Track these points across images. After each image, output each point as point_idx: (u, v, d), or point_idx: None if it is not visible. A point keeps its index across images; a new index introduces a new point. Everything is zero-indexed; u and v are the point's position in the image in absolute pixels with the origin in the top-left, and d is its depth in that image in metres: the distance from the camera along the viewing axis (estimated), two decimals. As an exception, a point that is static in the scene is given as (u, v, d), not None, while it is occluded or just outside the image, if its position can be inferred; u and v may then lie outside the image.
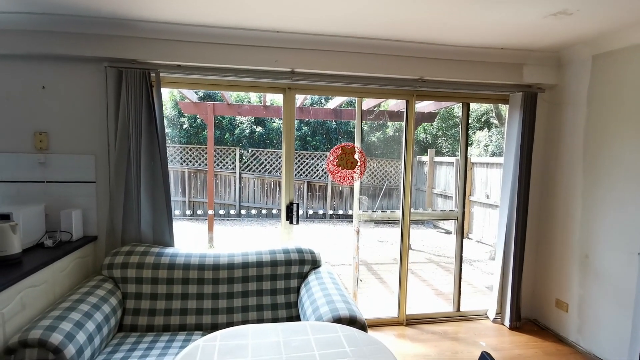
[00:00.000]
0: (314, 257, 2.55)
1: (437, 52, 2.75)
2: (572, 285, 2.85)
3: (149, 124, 2.43)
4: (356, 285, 3.25)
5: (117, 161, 2.42)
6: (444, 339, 2.92)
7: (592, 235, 2.69)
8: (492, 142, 8.73)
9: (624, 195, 2.44)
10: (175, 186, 9.01)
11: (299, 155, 9.44)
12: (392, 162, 9.52)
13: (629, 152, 2.42)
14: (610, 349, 2.53)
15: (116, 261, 2.26)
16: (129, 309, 2.21)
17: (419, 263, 5.70)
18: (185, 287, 2.31)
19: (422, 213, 3.20)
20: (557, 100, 3.00)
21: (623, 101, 2.46)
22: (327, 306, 1.99)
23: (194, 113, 5.81)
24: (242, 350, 1.41)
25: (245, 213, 9.10)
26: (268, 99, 6.18)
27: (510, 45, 2.71)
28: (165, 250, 2.41)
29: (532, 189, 3.11)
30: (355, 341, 1.49)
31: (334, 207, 9.35)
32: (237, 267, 2.39)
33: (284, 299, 2.41)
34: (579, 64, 2.78)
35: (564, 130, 2.93)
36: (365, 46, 2.66)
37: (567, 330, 2.88)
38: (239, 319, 2.32)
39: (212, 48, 2.49)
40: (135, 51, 2.41)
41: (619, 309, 2.47)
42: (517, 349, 2.78)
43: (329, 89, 2.88)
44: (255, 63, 2.57)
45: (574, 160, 2.84)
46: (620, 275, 2.47)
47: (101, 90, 2.47)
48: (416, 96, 3.00)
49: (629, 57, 2.41)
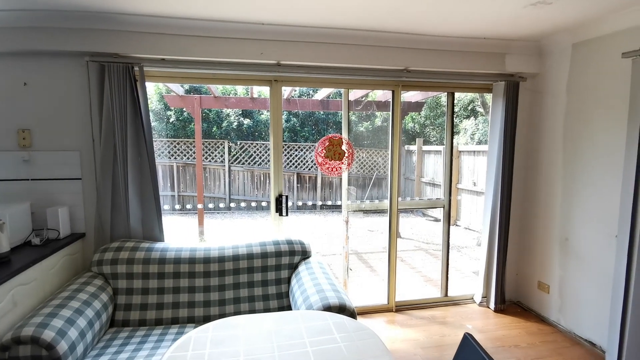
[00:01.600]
0: (304, 248, 2.59)
1: (422, 42, 2.78)
2: (553, 268, 2.95)
3: (134, 118, 2.42)
4: (346, 274, 3.30)
5: (102, 157, 2.41)
6: (432, 324, 3.01)
7: (571, 219, 2.78)
8: (479, 130, 8.85)
9: (602, 179, 2.53)
10: (164, 180, 8.94)
11: (289, 146, 9.43)
12: (381, 152, 9.58)
13: (606, 138, 2.49)
14: (590, 328, 2.64)
15: (105, 257, 2.27)
16: (120, 305, 2.22)
17: (409, 251, 5.80)
18: (176, 280, 2.33)
19: (409, 202, 3.26)
20: (538, 88, 3.07)
21: (601, 88, 2.53)
22: (317, 295, 2.03)
23: (180, 106, 5.75)
24: (234, 340, 1.45)
25: (235, 206, 9.10)
26: (255, 91, 6.14)
27: (492, 35, 2.75)
28: (155, 245, 2.42)
29: (516, 175, 3.19)
30: (344, 328, 1.53)
31: (324, 198, 9.39)
32: (228, 259, 2.42)
33: (275, 289, 2.45)
34: (559, 53, 2.84)
35: (545, 118, 3.00)
36: (350, 37, 2.67)
37: (549, 310, 3.00)
38: (231, 310, 2.35)
39: (197, 41, 2.47)
40: (117, 45, 2.38)
41: (598, 289, 2.57)
42: (501, 330, 2.88)
43: (315, 81, 2.89)
44: (240, 56, 2.56)
45: (554, 147, 2.92)
46: (599, 257, 2.57)
47: (83, 85, 2.44)
48: (402, 86, 3.03)
49: (607, 44, 2.47)
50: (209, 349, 1.37)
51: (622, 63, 2.35)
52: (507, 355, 2.54)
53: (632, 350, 2.26)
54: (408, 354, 2.57)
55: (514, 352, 2.59)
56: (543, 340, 2.74)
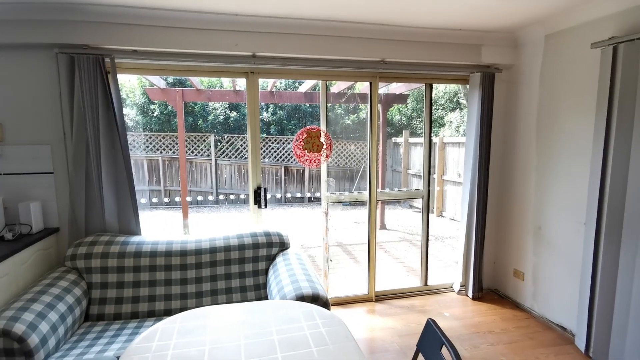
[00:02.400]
0: (282, 240, 2.60)
1: (398, 33, 2.78)
2: (527, 256, 3.02)
3: (107, 111, 2.39)
4: (327, 266, 3.33)
5: (75, 150, 2.38)
6: (411, 312, 3.06)
7: (544, 208, 2.84)
8: (464, 123, 8.92)
9: (572, 168, 2.58)
10: (150, 175, 8.85)
11: (276, 140, 9.40)
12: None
13: (576, 128, 2.54)
14: (560, 313, 2.72)
15: (79, 252, 2.25)
16: (94, 299, 2.21)
17: (393, 242, 5.86)
18: (152, 274, 2.32)
19: (388, 193, 3.29)
20: (513, 79, 3.10)
21: (572, 79, 2.57)
22: (291, 285, 2.05)
23: (162, 100, 5.68)
24: (201, 330, 1.46)
25: (222, 199, 9.06)
26: (240, 83, 6.09)
27: (468, 26, 2.76)
28: (131, 238, 2.41)
29: (492, 165, 3.23)
30: (312, 317, 1.55)
31: (311, 191, 9.41)
32: (205, 252, 2.42)
33: (253, 281, 2.46)
34: (533, 44, 2.87)
35: (520, 109, 3.05)
36: (326, 28, 2.66)
37: (523, 297, 3.07)
38: (208, 302, 2.36)
39: (170, 32, 2.43)
40: (87, 36, 2.33)
41: (568, 276, 2.64)
42: (477, 317, 2.95)
43: (292, 73, 2.88)
44: (215, 47, 2.53)
45: (528, 137, 2.97)
46: (569, 244, 2.63)
47: (53, 78, 2.40)
48: (379, 78, 3.03)
49: (577, 35, 2.51)
50: (175, 339, 1.38)
51: (591, 53, 2.39)
52: (481, 341, 2.61)
53: (599, 333, 2.33)
54: (385, 342, 2.61)
55: (487, 337, 2.65)
56: (516, 325, 2.81)
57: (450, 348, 1.20)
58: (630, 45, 2.09)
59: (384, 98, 6.20)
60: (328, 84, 4.72)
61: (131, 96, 9.40)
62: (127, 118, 9.38)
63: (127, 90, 9.39)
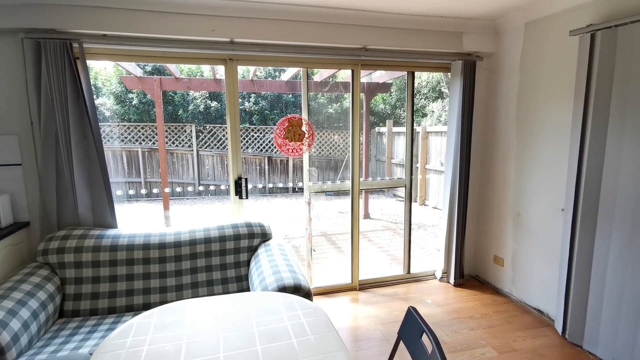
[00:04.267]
0: (264, 230, 2.56)
1: (380, 20, 2.74)
2: (507, 242, 3.07)
3: (76, 99, 2.28)
4: (310, 256, 3.32)
5: (43, 141, 2.26)
6: (394, 300, 3.08)
7: (523, 194, 2.89)
8: (445, 112, 8.98)
9: (550, 155, 2.62)
10: (129, 167, 8.62)
11: (258, 129, 9.28)
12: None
13: (555, 115, 2.57)
14: (538, 297, 2.79)
15: (51, 247, 2.16)
16: (69, 295, 2.14)
17: (377, 231, 5.90)
18: (130, 267, 2.26)
19: (371, 182, 3.28)
20: (494, 67, 3.11)
21: (551, 67, 2.59)
22: (273, 276, 2.03)
23: (139, 88, 5.49)
24: (179, 324, 1.42)
25: (203, 190, 8.92)
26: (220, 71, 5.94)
27: (449, 13, 2.74)
28: (106, 232, 2.33)
29: (474, 153, 3.26)
30: (293, 307, 1.53)
31: (295, 181, 9.36)
32: (185, 244, 2.37)
33: (234, 272, 2.42)
34: (513, 32, 2.88)
35: (500, 97, 3.07)
36: (307, 14, 2.60)
37: (503, 282, 3.14)
38: (189, 295, 2.32)
39: (141, 16, 2.33)
40: (53, 20, 2.21)
41: (546, 261, 2.70)
42: (458, 303, 3.00)
43: (272, 60, 2.81)
44: (190, 33, 2.44)
45: (508, 125, 3.00)
46: (547, 230, 2.69)
47: (19, 64, 2.27)
48: (361, 65, 3.00)
49: (556, 23, 2.52)
50: (151, 334, 1.34)
51: (570, 41, 2.41)
52: (462, 326, 2.65)
53: (574, 316, 2.40)
54: (368, 331, 2.63)
55: (468, 322, 2.70)
56: (496, 310, 2.87)
57: (430, 335, 1.20)
58: (608, 33, 2.11)
59: (367, 87, 6.16)
60: (310, 72, 4.65)
61: (107, 85, 9.08)
62: (104, 108, 9.07)
63: (103, 79, 9.07)
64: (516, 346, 2.42)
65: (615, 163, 2.14)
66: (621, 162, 2.11)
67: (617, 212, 2.15)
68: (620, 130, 2.11)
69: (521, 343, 2.45)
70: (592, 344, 2.33)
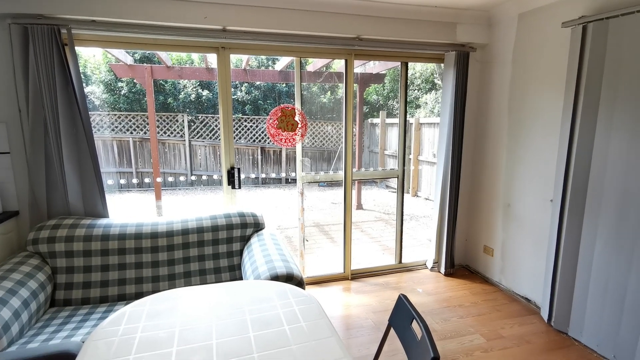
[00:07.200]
0: (257, 220, 2.57)
1: (374, 9, 2.72)
2: (497, 232, 3.12)
3: (65, 86, 2.24)
4: (302, 246, 3.34)
5: (32, 129, 2.23)
6: (385, 289, 3.12)
7: (513, 185, 2.92)
8: (439, 104, 9.00)
9: (540, 147, 2.65)
10: (121, 157, 8.52)
11: (251, 119, 9.21)
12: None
13: (547, 107, 2.60)
14: (526, 286, 2.85)
15: (41, 236, 2.14)
16: (60, 284, 2.13)
17: (369, 222, 5.94)
18: (122, 257, 2.25)
19: (363, 172, 3.29)
20: (487, 59, 3.12)
21: (543, 58, 2.60)
22: (265, 265, 2.04)
23: (129, 77, 5.41)
24: (171, 312, 1.43)
25: (196, 180, 8.87)
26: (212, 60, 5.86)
27: (443, 3, 2.73)
28: (97, 221, 2.32)
29: (466, 144, 3.28)
30: (285, 296, 1.55)
31: (288, 171, 9.35)
32: (177, 233, 2.36)
33: (227, 262, 2.43)
34: (506, 23, 2.88)
35: (493, 89, 3.08)
36: (300, 3, 2.57)
37: (492, 272, 3.19)
38: (181, 284, 2.33)
39: (131, 2, 2.28)
40: (41, 5, 2.16)
41: (534, 250, 2.76)
42: (449, 292, 3.05)
43: (265, 48, 2.78)
44: (182, 19, 2.40)
45: (500, 117, 3.02)
46: (536, 220, 2.73)
47: (6, 51, 2.22)
48: (354, 55, 2.98)
49: (549, 14, 2.53)
50: (143, 322, 1.35)
51: (562, 32, 2.42)
52: (452, 315, 2.70)
53: (560, 304, 2.46)
54: (360, 319, 2.67)
55: (457, 310, 2.75)
56: (485, 299, 2.93)
57: (419, 322, 1.22)
58: (599, 25, 2.13)
59: (360, 77, 6.14)
60: (304, 62, 4.62)
61: (97, 73, 8.92)
62: (94, 96, 8.92)
63: (92, 67, 8.90)
64: (504, 333, 2.48)
65: (604, 155, 2.18)
66: (609, 155, 2.15)
67: (604, 203, 2.19)
68: (609, 123, 2.14)
69: (508, 330, 2.51)
70: (577, 331, 2.39)
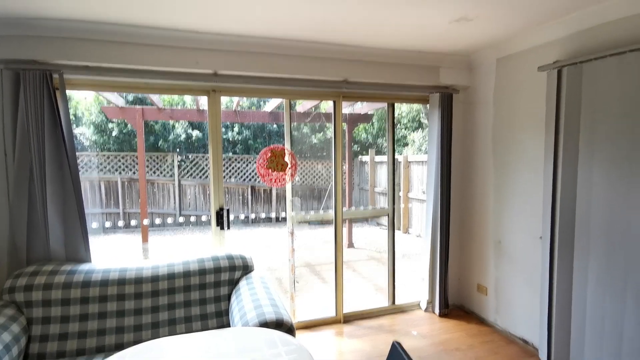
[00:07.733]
0: (245, 263, 2.50)
1: (360, 54, 2.84)
2: (489, 270, 3.09)
3: (54, 130, 2.23)
4: (293, 288, 3.24)
5: (17, 172, 2.19)
6: (379, 333, 3.01)
7: (502, 223, 2.93)
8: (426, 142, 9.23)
9: (527, 185, 2.70)
10: (108, 197, 8.39)
11: (242, 159, 9.26)
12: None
13: (529, 146, 2.67)
14: (522, 326, 2.78)
15: (18, 284, 2.04)
16: (35, 336, 2.00)
17: (361, 261, 5.84)
18: (103, 305, 2.14)
19: (354, 211, 3.29)
20: (470, 100, 3.25)
21: (522, 100, 2.72)
22: (254, 311, 1.96)
23: (120, 118, 5.46)
24: (153, 366, 1.34)
25: (184, 221, 8.71)
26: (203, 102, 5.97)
27: (426, 49, 2.88)
28: (78, 267, 2.22)
29: (454, 182, 3.32)
30: (274, 344, 1.48)
31: (279, 210, 9.28)
32: (162, 278, 2.27)
33: (214, 307, 2.33)
34: (486, 67, 3.03)
35: (477, 128, 3.18)
36: (289, 48, 2.67)
37: (487, 311, 3.12)
38: (165, 333, 2.20)
39: (124, 48, 2.35)
40: (34, 51, 2.20)
41: (528, 289, 2.72)
42: (444, 334, 2.95)
43: (255, 91, 2.86)
44: (174, 64, 2.47)
45: (486, 156, 3.09)
46: (527, 258, 2.72)
47: (-5, 94, 2.23)
48: (342, 97, 3.07)
49: (525, 59, 2.67)
50: (122, 378, 1.26)
51: (538, 76, 2.54)
52: (449, 358, 2.60)
53: (558, 344, 2.39)
54: (354, 365, 2.54)
55: (455, 354, 2.65)
56: (482, 341, 2.83)
57: (416, 371, 1.16)
58: (573, 69, 2.25)
59: (349, 117, 6.30)
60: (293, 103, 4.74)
61: (87, 115, 8.98)
62: (83, 137, 8.92)
63: (83, 108, 8.97)
64: (504, 378, 2.37)
65: (588, 192, 2.21)
66: (593, 191, 2.19)
67: (592, 238, 2.20)
68: (589, 160, 2.20)
69: (508, 375, 2.41)
70: (578, 373, 2.31)
